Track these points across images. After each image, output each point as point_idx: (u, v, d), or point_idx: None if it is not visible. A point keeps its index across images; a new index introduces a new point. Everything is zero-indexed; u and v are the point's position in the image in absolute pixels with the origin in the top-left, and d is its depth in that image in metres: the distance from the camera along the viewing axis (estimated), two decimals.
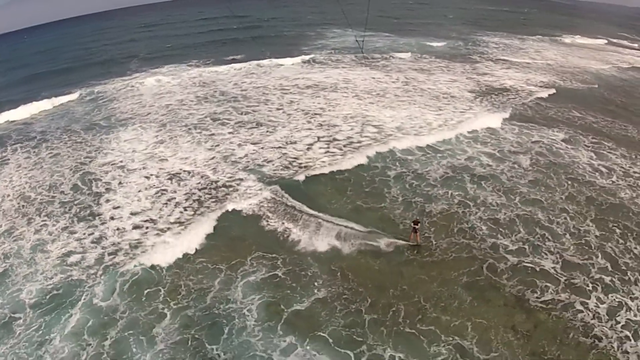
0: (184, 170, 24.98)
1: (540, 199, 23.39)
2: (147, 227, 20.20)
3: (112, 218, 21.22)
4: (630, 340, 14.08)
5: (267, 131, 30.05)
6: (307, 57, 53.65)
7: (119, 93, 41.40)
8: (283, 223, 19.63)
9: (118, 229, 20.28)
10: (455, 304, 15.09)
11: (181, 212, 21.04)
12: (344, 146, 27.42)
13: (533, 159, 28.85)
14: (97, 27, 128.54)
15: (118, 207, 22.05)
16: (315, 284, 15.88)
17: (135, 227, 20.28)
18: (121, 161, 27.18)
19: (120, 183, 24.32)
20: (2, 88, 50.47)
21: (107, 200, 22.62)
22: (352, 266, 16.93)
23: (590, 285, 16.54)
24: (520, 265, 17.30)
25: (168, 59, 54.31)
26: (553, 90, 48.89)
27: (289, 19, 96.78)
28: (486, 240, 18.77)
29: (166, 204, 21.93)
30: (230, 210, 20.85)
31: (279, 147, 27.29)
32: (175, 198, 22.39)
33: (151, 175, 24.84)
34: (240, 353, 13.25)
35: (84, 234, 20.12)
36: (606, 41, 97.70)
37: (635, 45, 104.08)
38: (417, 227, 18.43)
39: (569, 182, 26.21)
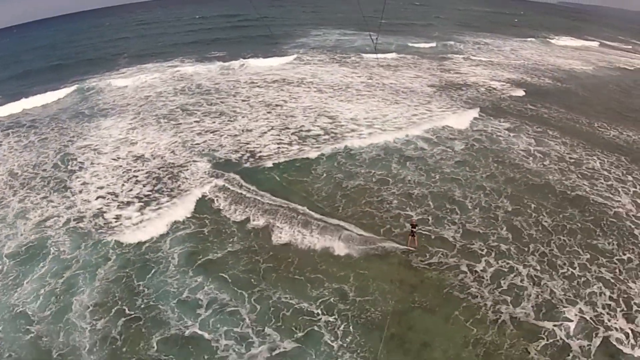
0: (148, 153, 28.02)
1: (459, 178, 25.73)
2: (109, 199, 23.32)
3: (80, 192, 24.35)
4: (508, 304, 16.19)
5: (229, 120, 32.96)
6: (288, 56, 56.21)
7: (105, 87, 44.31)
8: (217, 195, 22.69)
9: (85, 200, 23.42)
10: (345, 260, 18.01)
11: (140, 188, 24.14)
12: (292, 134, 30.26)
13: (468, 144, 31.05)
14: (92, 24, 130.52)
15: (87, 182, 25.16)
16: (231, 240, 18.98)
17: (99, 197, 23.42)
18: (97, 145, 30.25)
19: (92, 163, 27.42)
20: None
21: (78, 177, 25.73)
22: (263, 228, 19.91)
23: (485, 251, 18.90)
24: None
25: (155, 57, 57.13)
26: (516, 86, 50.45)
27: (280, 18, 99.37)
28: (391, 211, 21.51)
29: (128, 180, 25.02)
30: (179, 184, 23.93)
31: (235, 135, 30.23)
32: (137, 176, 25.48)
33: (119, 157, 27.90)
34: (159, 288, 16.38)
35: (58, 203, 23.22)
36: (598, 43, 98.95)
37: (629, 47, 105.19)
38: (414, 230, 18.73)
39: (495, 165, 28.36)
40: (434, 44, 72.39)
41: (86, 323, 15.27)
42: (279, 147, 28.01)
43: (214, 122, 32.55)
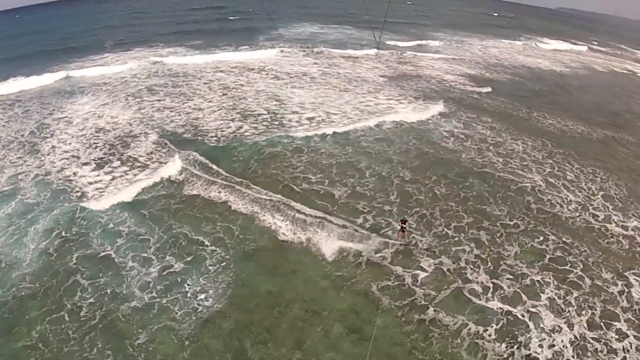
0: (109, 125, 31.89)
1: (371, 152, 28.64)
2: (71, 160, 27.29)
3: (49, 154, 28.33)
4: (370, 251, 18.93)
5: (187, 99, 36.75)
6: (262, 48, 59.35)
7: (89, 69, 48.07)
8: (154, 156, 26.67)
9: (52, 160, 27.41)
10: (239, 209, 21.62)
11: (97, 153, 28.07)
12: (237, 113, 34.02)
13: (394, 123, 33.74)
14: (87, 10, 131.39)
15: (55, 147, 29.12)
16: (155, 187, 23.08)
17: (64, 158, 27.41)
18: (70, 117, 34.11)
19: (62, 131, 31.33)
20: None
21: (49, 142, 29.66)
22: (182, 180, 23.92)
23: (367, 210, 21.87)
24: (312, 188, 23.55)
25: (140, 43, 60.36)
26: (468, 79, 52.50)
27: (265, 12, 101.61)
28: (295, 173, 25.06)
29: (89, 146, 28.98)
30: (128, 151, 27.90)
31: (187, 112, 34.05)
32: (97, 143, 29.44)
33: (85, 127, 31.79)
34: (93, 220, 20.53)
35: (31, 162, 27.06)
36: (587, 48, 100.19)
37: (618, 52, 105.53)
38: (404, 226, 19.39)
39: (414, 142, 30.95)
40: (404, 39, 74.35)
41: (34, 244, 19.06)
42: (221, 124, 31.74)
43: (172, 101, 36.25)
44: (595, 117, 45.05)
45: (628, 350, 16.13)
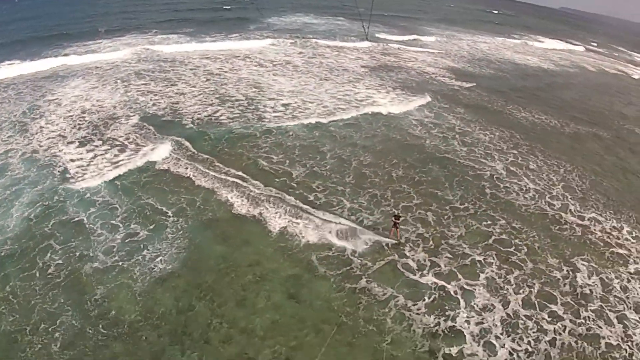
0: (95, 108, 33.37)
1: (336, 136, 30.04)
2: (58, 139, 28.84)
3: (37, 133, 29.90)
4: (318, 227, 20.22)
5: (171, 84, 38.17)
6: (250, 36, 60.49)
7: (82, 54, 49.31)
8: (132, 136, 28.20)
9: (40, 140, 28.98)
10: (204, 183, 23.40)
11: (82, 133, 29.58)
12: (216, 98, 35.42)
13: (367, 111, 34.85)
14: None
15: (43, 127, 30.68)
16: (129, 162, 24.74)
17: (50, 137, 28.97)
18: (59, 99, 35.59)
19: (51, 113, 32.88)
20: None
21: (38, 122, 31.22)
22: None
23: (320, 189, 23.30)
24: (272, 167, 25.06)
25: (134, 30, 61.36)
26: (450, 72, 53.06)
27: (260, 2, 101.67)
28: (259, 153, 26.96)
29: (74, 127, 30.51)
30: (110, 131, 29.45)
31: (170, 96, 35.49)
32: (82, 124, 30.97)
33: (73, 109, 33.29)
34: (71, 192, 22.05)
35: (20, 140, 28.64)
36: (584, 48, 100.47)
37: (616, 54, 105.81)
38: (398, 222, 19.41)
39: (383, 128, 32.15)
40: (394, 32, 74.90)
41: (18, 213, 20.68)
42: (199, 108, 33.18)
43: (157, 85, 37.65)
44: (572, 113, 45.56)
45: (560, 333, 16.62)
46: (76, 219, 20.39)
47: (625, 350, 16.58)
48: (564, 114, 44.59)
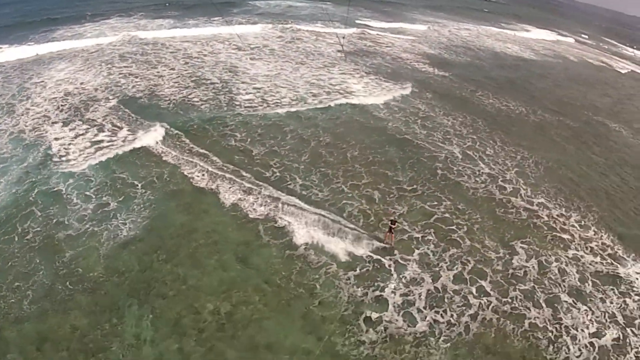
0: (77, 90, 34.72)
1: (301, 116, 31.38)
2: (42, 119, 30.36)
3: (23, 114, 31.41)
4: (263, 204, 22.52)
5: (151, 67, 39.40)
6: (228, 18, 60.77)
7: (69, 37, 50.01)
8: (109, 118, 29.80)
9: (26, 120, 30.49)
10: (171, 158, 25.26)
11: (64, 114, 31.05)
12: (192, 81, 36.77)
13: (336, 94, 36.08)
14: None
15: (29, 108, 32.13)
16: (105, 140, 26.43)
17: (35, 118, 30.48)
18: (45, 81, 36.87)
19: (37, 94, 34.27)
20: None
21: (24, 104, 32.63)
22: (128, 134, 27.25)
23: (277, 166, 25.07)
24: (234, 145, 26.77)
25: (120, 13, 61.63)
26: (425, 58, 53.47)
27: None
28: (224, 131, 28.52)
29: (58, 108, 31.98)
30: (89, 111, 30.97)
31: (149, 79, 36.82)
32: (64, 105, 32.42)
33: (57, 91, 34.63)
34: (54, 166, 23.90)
35: (8, 121, 30.10)
36: (574, 40, 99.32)
37: (605, 46, 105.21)
38: (394, 227, 19.34)
39: (348, 110, 33.40)
40: (376, 17, 74.38)
41: (6, 185, 22.48)
42: (175, 90, 34.63)
43: (138, 68, 38.88)
44: (542, 102, 45.59)
45: (484, 309, 17.47)
46: (55, 190, 22.18)
47: (552, 332, 17.14)
48: (534, 102, 44.73)
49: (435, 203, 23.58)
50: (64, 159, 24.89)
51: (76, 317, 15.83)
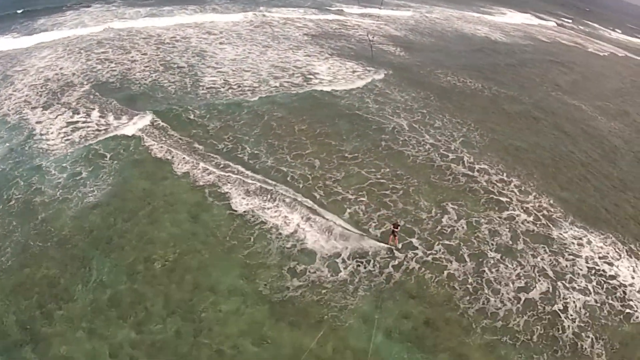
0: (56, 76, 36.52)
1: (260, 94, 33.16)
2: (25, 103, 32.35)
3: (7, 99, 33.42)
4: (232, 172, 25.45)
5: (125, 52, 41.03)
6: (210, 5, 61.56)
7: (51, 25, 50.93)
8: (83, 103, 31.93)
9: (9, 105, 32.48)
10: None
11: (44, 98, 33.01)
12: (161, 65, 38.56)
13: (298, 74, 37.92)
14: None
15: (12, 93, 34.06)
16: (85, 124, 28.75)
17: (17, 104, 32.49)
18: (27, 68, 38.60)
19: (18, 80, 36.12)
20: None
21: (8, 89, 34.51)
22: (104, 116, 29.55)
23: (231, 139, 27.23)
24: (192, 119, 29.06)
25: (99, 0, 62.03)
26: (389, 40, 54.19)
27: None
28: (184, 106, 30.51)
29: (38, 93, 33.90)
30: (66, 97, 32.97)
31: (122, 63, 38.53)
32: (44, 91, 34.33)
33: (38, 78, 36.42)
34: (38, 146, 26.28)
35: None
36: (555, 23, 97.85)
37: (589, 30, 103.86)
38: (396, 230, 19.23)
39: (306, 87, 34.96)
40: (351, 4, 73.13)
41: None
42: (146, 74, 36.55)
43: (114, 54, 40.53)
44: (500, 79, 45.80)
45: (408, 261, 18.81)
46: (38, 163, 24.53)
47: (471, 284, 18.20)
48: (491, 79, 45.17)
49: (373, 170, 25.20)
50: (44, 137, 27.26)
51: (47, 267, 18.04)
